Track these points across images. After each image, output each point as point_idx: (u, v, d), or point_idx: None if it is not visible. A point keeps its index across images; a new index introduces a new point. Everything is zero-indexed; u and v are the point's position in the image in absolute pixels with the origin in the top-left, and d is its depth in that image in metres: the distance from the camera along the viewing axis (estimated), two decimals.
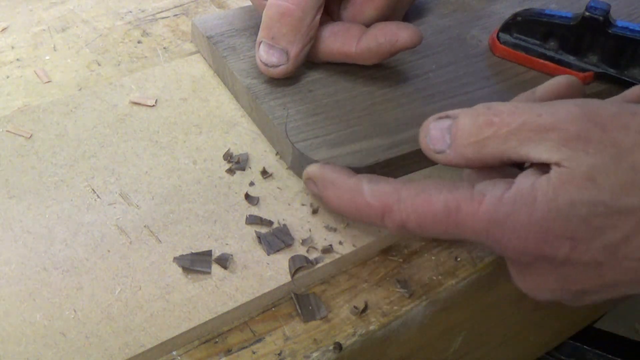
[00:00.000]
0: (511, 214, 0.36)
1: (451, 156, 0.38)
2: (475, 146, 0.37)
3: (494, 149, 0.37)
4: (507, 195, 0.36)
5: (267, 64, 0.49)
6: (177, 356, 0.39)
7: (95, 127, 0.49)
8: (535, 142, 0.35)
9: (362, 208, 0.40)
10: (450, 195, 0.37)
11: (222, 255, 0.42)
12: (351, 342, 0.40)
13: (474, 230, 0.37)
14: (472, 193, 0.37)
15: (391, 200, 0.39)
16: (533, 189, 0.35)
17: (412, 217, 0.38)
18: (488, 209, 0.36)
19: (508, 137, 0.36)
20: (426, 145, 0.39)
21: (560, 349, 0.74)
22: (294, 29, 0.48)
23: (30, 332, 0.38)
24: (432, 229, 0.38)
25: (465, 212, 0.37)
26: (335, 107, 0.49)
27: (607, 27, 0.50)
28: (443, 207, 0.37)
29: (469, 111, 0.38)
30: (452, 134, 0.38)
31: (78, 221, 0.43)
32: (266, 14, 0.48)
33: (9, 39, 0.56)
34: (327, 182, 0.42)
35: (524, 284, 0.39)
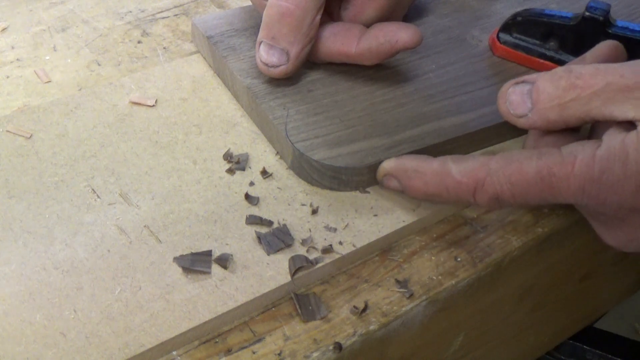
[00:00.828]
0: (606, 170, 0.37)
1: (533, 119, 0.40)
2: (559, 108, 0.39)
3: (578, 110, 0.38)
4: (599, 153, 0.37)
5: (267, 64, 0.49)
6: (177, 356, 0.39)
7: (95, 127, 0.49)
8: (620, 102, 0.37)
9: (453, 188, 0.41)
10: (541, 161, 0.39)
11: (222, 255, 0.42)
12: (351, 342, 0.40)
13: (570, 191, 0.38)
14: (562, 156, 0.38)
15: (481, 174, 0.40)
16: (624, 145, 0.37)
17: (506, 188, 0.39)
18: (582, 168, 0.38)
19: (592, 98, 0.38)
20: (507, 110, 0.41)
21: (560, 349, 0.74)
22: (294, 29, 0.48)
23: (30, 332, 0.38)
24: (527, 197, 0.39)
25: (559, 175, 0.38)
26: (335, 107, 0.49)
27: (607, 27, 0.50)
28: (536, 173, 0.39)
29: (548, 75, 0.40)
30: (533, 97, 0.40)
31: (78, 221, 0.43)
32: (266, 14, 0.48)
33: (9, 39, 0.56)
34: (410, 171, 0.43)
35: (614, 240, 0.41)
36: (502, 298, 0.51)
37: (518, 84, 0.41)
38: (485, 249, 0.46)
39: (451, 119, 0.49)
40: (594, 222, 0.42)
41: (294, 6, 0.47)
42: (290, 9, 0.47)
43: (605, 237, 0.42)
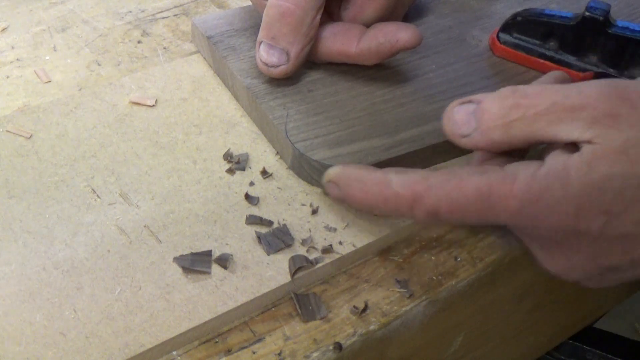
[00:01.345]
0: (545, 190, 0.36)
1: (477, 139, 0.39)
2: (503, 128, 0.38)
3: (523, 130, 0.37)
4: (539, 172, 0.36)
5: (267, 64, 0.49)
6: (177, 356, 0.39)
7: (95, 127, 0.49)
8: (565, 122, 0.36)
9: (391, 199, 0.40)
10: (482, 179, 0.37)
11: (222, 255, 0.42)
12: (351, 342, 0.40)
13: (508, 211, 0.37)
14: (503, 174, 0.37)
15: (420, 188, 0.39)
16: (566, 166, 0.36)
17: (444, 203, 0.38)
18: (521, 187, 0.36)
19: (537, 118, 0.37)
20: (451, 130, 0.40)
21: (560, 349, 0.74)
22: (294, 29, 0.48)
23: (30, 332, 0.38)
24: (465, 214, 0.38)
25: (499, 194, 0.37)
26: (335, 107, 0.49)
27: (607, 27, 0.50)
28: (475, 190, 0.37)
29: (494, 94, 0.39)
30: (477, 117, 0.38)
31: (78, 221, 0.43)
32: (266, 14, 0.48)
33: (9, 39, 0.56)
34: (352, 180, 0.42)
35: (554, 265, 0.39)
36: (502, 298, 0.51)
37: (464, 104, 0.39)
38: (485, 249, 0.46)
39: None
40: (533, 248, 0.40)
41: (294, 6, 0.47)
42: (291, 9, 0.47)
43: (546, 263, 0.40)
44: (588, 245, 0.37)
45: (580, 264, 0.38)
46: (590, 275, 0.39)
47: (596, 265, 0.38)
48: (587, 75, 0.52)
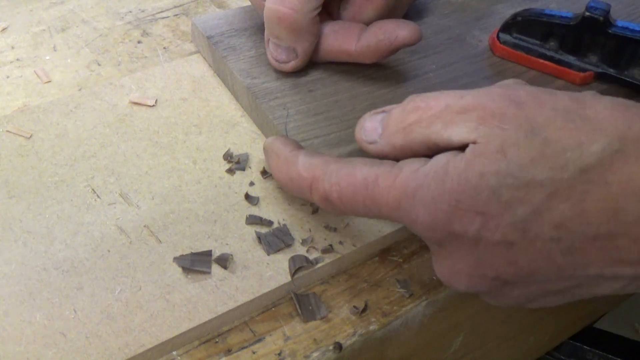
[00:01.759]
0: (422, 186, 0.35)
1: (381, 145, 0.38)
2: (403, 132, 0.37)
3: (420, 134, 0.37)
4: (422, 169, 0.36)
5: (277, 61, 0.50)
6: (177, 356, 0.39)
7: (95, 127, 0.49)
8: (457, 124, 0.35)
9: (295, 179, 0.41)
10: (372, 169, 0.37)
11: (222, 255, 0.42)
12: (351, 342, 0.40)
13: (388, 203, 0.37)
14: (391, 167, 0.37)
15: (319, 172, 0.39)
16: (447, 164, 0.35)
17: (334, 189, 0.38)
18: (402, 180, 0.36)
19: (432, 121, 0.36)
20: (360, 137, 0.40)
21: (560, 349, 0.74)
22: (294, 30, 0.48)
23: (30, 332, 0.38)
24: (352, 203, 0.38)
25: (382, 186, 0.37)
26: (335, 107, 0.49)
27: (607, 27, 0.50)
28: (363, 179, 0.37)
29: (402, 102, 0.38)
30: (383, 124, 0.39)
31: (78, 221, 0.43)
32: (266, 17, 0.49)
33: (9, 39, 0.56)
34: (272, 153, 0.43)
35: (440, 271, 0.38)
36: None
37: (377, 113, 0.40)
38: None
39: None
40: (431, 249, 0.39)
41: (291, 10, 0.47)
42: (287, 13, 0.47)
43: (434, 266, 0.39)
44: (468, 250, 0.36)
45: (465, 271, 0.37)
46: (482, 287, 0.37)
47: (482, 274, 0.37)
48: (588, 75, 0.52)
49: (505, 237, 0.34)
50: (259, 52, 0.52)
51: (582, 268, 0.35)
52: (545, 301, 0.38)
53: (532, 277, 0.36)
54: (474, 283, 0.37)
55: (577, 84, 0.52)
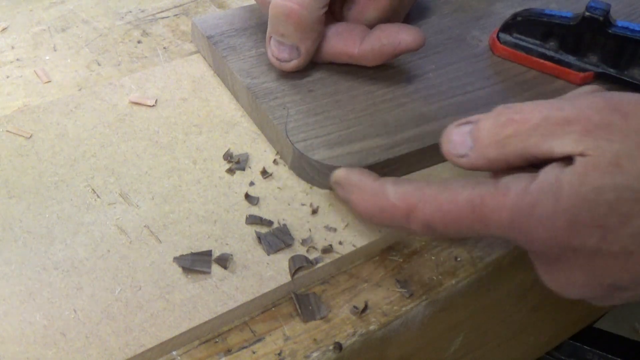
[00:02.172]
0: (537, 204, 0.35)
1: (473, 158, 0.38)
2: (497, 145, 0.37)
3: (517, 146, 0.36)
4: (532, 186, 0.36)
5: (279, 59, 0.49)
6: (177, 356, 0.39)
7: (95, 127, 0.49)
8: (558, 136, 0.35)
9: (387, 209, 0.40)
10: (474, 191, 0.37)
11: (222, 255, 0.42)
12: (351, 342, 0.40)
13: (499, 224, 0.36)
14: (496, 187, 0.37)
15: (415, 200, 0.38)
16: (558, 179, 0.35)
17: (437, 215, 0.38)
18: (513, 200, 0.36)
19: (530, 133, 0.36)
20: (448, 151, 0.39)
21: (560, 349, 0.74)
22: (301, 27, 0.47)
23: (30, 332, 0.38)
24: (457, 226, 0.38)
25: (490, 206, 0.36)
26: (335, 107, 0.49)
27: (607, 27, 0.50)
28: (467, 202, 0.37)
29: (489, 113, 0.38)
30: (473, 136, 0.38)
31: (78, 221, 0.43)
32: (271, 14, 0.48)
33: (9, 39, 0.56)
34: (353, 186, 0.42)
35: (552, 282, 0.38)
36: (502, 298, 0.51)
37: (461, 125, 0.39)
38: (485, 249, 0.46)
39: (451, 119, 0.49)
40: (535, 262, 0.39)
41: (298, 6, 0.47)
42: (295, 9, 0.47)
43: (546, 280, 0.39)
44: (586, 261, 0.36)
45: (580, 281, 0.37)
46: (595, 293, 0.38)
47: (598, 283, 0.37)
48: (587, 75, 0.52)
49: (625, 247, 0.35)
50: (259, 52, 0.52)
51: None
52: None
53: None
54: (589, 291, 0.38)
55: (577, 84, 0.52)
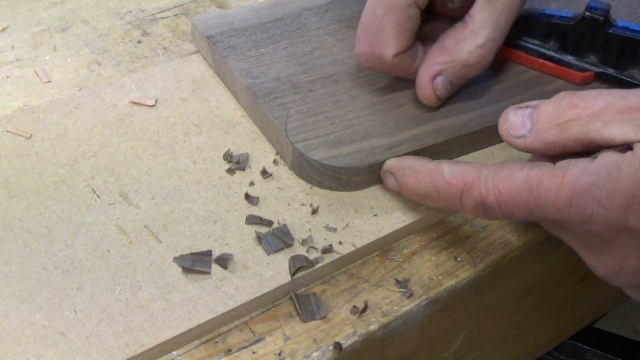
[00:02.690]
0: (596, 183, 0.36)
1: (531, 140, 0.39)
2: (557, 129, 0.38)
3: (577, 131, 0.37)
4: (590, 167, 0.36)
5: None
6: (177, 356, 0.39)
7: (95, 127, 0.49)
8: (620, 123, 0.36)
9: (442, 188, 0.41)
10: (532, 171, 0.38)
11: (222, 255, 0.42)
12: (351, 342, 0.40)
13: (557, 203, 0.37)
14: (554, 167, 0.37)
15: (471, 178, 0.39)
16: (618, 162, 0.36)
17: (492, 193, 0.38)
18: (571, 180, 0.36)
19: (592, 119, 0.37)
20: (506, 131, 0.40)
21: (560, 349, 0.74)
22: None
23: (30, 332, 0.38)
24: (513, 206, 0.38)
25: (548, 186, 0.37)
26: (335, 107, 0.49)
27: (607, 27, 0.50)
28: (524, 181, 0.38)
29: (552, 99, 0.39)
30: (533, 119, 0.39)
31: (78, 221, 0.43)
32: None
33: (9, 39, 0.56)
34: (407, 169, 0.43)
35: (603, 268, 0.39)
36: (502, 298, 0.51)
37: (521, 108, 0.40)
38: (485, 249, 0.46)
39: (451, 119, 0.49)
40: (583, 251, 0.40)
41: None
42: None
43: (596, 266, 0.40)
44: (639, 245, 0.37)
45: (632, 266, 0.38)
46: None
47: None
48: (587, 75, 0.52)
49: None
50: (258, 52, 0.52)
51: None
52: None
53: None
54: (637, 278, 0.38)
55: (577, 84, 0.52)
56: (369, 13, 0.46)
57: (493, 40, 0.48)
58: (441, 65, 0.47)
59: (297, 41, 0.54)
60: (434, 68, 0.47)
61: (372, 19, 0.46)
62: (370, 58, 0.47)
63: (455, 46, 0.47)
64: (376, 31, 0.46)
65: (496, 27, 0.48)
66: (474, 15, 0.47)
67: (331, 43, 0.54)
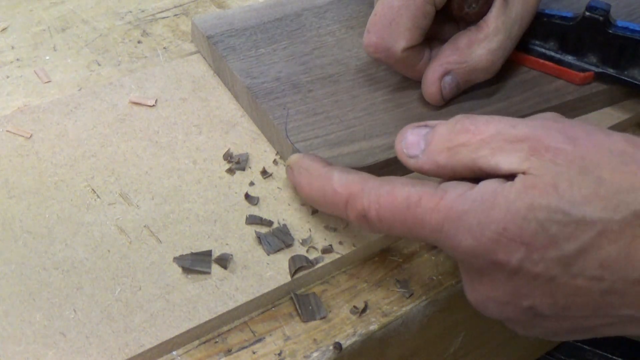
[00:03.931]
0: (468, 211, 0.35)
1: (423, 161, 0.38)
2: (448, 152, 0.37)
3: (466, 156, 0.36)
4: (468, 193, 0.36)
5: None
6: (177, 356, 0.39)
7: (95, 127, 0.49)
8: (507, 152, 0.35)
9: (329, 195, 0.40)
10: (414, 189, 0.37)
11: (222, 255, 0.42)
12: (351, 342, 0.40)
13: (431, 226, 0.36)
14: (434, 188, 0.37)
15: (356, 189, 0.39)
16: (495, 192, 0.35)
17: (373, 207, 0.38)
18: (447, 204, 0.36)
19: (481, 146, 0.36)
20: (400, 150, 0.39)
21: (560, 349, 0.74)
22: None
23: (30, 332, 0.38)
24: (392, 222, 0.38)
25: (425, 206, 0.36)
26: (335, 107, 0.49)
27: (607, 27, 0.50)
28: (404, 199, 0.37)
29: (449, 121, 0.38)
30: (427, 140, 0.38)
31: (78, 221, 0.43)
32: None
33: (9, 39, 0.56)
34: (302, 169, 0.42)
35: (473, 295, 0.38)
36: None
37: (420, 127, 0.39)
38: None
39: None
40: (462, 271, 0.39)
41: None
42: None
43: (466, 290, 0.39)
44: (508, 278, 0.36)
45: (500, 298, 0.37)
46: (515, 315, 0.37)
47: (516, 304, 0.36)
48: (587, 75, 0.52)
49: (548, 270, 0.34)
50: (258, 52, 0.52)
51: (617, 308, 0.35)
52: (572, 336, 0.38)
53: (567, 312, 0.36)
54: (506, 311, 0.37)
55: (577, 84, 0.52)
56: (384, 4, 0.46)
57: (505, 48, 0.48)
58: (452, 65, 0.47)
59: (297, 41, 0.54)
60: (445, 66, 0.47)
61: (387, 10, 0.46)
62: (378, 49, 0.47)
63: (468, 48, 0.47)
64: (389, 23, 0.46)
65: (509, 35, 0.48)
66: (489, 20, 0.47)
67: (331, 43, 0.54)
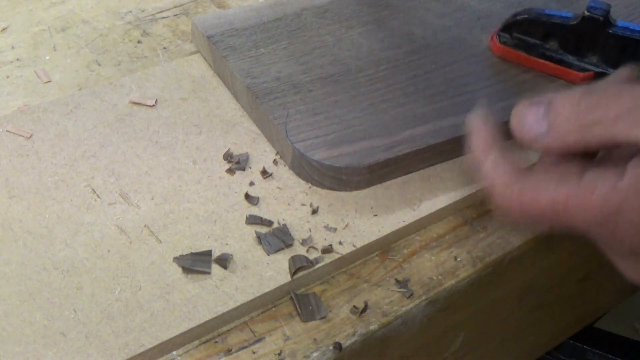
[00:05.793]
0: (626, 202, 0.35)
1: (550, 142, 0.37)
2: (580, 130, 0.36)
3: (601, 133, 0.36)
4: (620, 184, 0.35)
5: None
6: (177, 356, 0.39)
7: (95, 127, 0.49)
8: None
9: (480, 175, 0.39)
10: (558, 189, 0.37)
11: (222, 255, 0.42)
12: (351, 342, 0.40)
13: (586, 221, 0.36)
14: (580, 185, 0.36)
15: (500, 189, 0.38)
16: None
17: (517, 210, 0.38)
18: (600, 200, 0.35)
19: (617, 121, 0.35)
20: (521, 133, 0.38)
21: (560, 349, 0.74)
22: None
23: (30, 332, 0.38)
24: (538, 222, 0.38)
25: (576, 204, 0.36)
26: (335, 107, 0.49)
27: (607, 27, 0.50)
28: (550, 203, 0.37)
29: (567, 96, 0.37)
30: (550, 118, 0.37)
31: (78, 221, 0.43)
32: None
33: (9, 39, 0.56)
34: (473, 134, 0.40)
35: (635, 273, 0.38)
36: (502, 298, 0.51)
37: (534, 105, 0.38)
38: (485, 249, 0.46)
39: (451, 119, 0.49)
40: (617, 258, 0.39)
41: None
42: None
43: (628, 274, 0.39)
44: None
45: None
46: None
47: None
48: (587, 75, 0.52)
49: None
50: (258, 52, 0.52)
51: None
52: None
53: None
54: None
55: (577, 84, 0.52)
56: None
57: None
58: None
59: (297, 41, 0.54)
60: None
61: None
62: None
63: None
64: None
65: None
66: None
67: (331, 43, 0.54)
